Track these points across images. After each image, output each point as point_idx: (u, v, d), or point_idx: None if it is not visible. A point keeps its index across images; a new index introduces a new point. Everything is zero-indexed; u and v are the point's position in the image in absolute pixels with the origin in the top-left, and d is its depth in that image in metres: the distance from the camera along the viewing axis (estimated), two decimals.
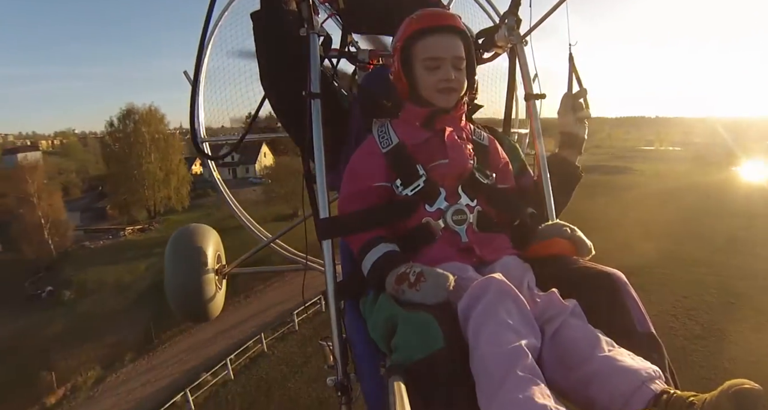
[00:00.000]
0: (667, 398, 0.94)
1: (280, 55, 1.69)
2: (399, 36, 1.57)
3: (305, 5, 1.64)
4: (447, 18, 1.57)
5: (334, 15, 2.11)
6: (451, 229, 1.45)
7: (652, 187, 46.42)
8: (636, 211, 33.11)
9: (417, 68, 1.53)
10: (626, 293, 1.23)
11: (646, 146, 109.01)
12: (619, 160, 76.35)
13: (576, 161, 1.84)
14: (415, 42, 1.52)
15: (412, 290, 1.21)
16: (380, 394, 1.17)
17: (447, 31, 1.53)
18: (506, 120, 2.22)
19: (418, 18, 1.55)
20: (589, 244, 1.46)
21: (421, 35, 1.51)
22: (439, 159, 1.51)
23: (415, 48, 1.52)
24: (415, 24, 1.54)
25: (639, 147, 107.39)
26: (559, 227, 1.50)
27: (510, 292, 1.11)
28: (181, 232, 2.77)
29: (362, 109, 1.82)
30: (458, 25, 1.55)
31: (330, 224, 1.51)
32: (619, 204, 36.00)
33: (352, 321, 1.46)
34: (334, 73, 2.02)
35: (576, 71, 1.83)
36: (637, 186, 47.55)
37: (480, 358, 1.02)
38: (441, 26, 1.53)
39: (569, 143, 1.82)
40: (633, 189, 45.16)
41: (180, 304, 2.61)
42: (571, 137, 1.82)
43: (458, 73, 1.53)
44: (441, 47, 1.50)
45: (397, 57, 1.56)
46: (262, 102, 1.80)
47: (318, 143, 1.54)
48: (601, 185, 40.98)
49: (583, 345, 1.08)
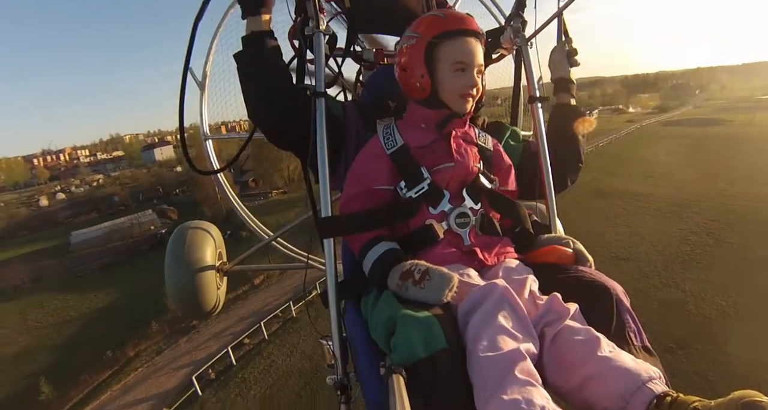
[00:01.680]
0: (671, 400, 0.94)
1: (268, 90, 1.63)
2: (423, 32, 1.53)
3: (311, 3, 1.63)
4: (473, 23, 1.55)
5: (339, 14, 2.13)
6: (454, 232, 1.47)
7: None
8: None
9: (442, 70, 1.51)
10: (623, 306, 1.25)
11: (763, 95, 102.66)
12: (722, 112, 75.39)
13: (571, 102, 1.94)
14: (442, 42, 1.49)
15: (416, 288, 1.23)
16: (380, 394, 1.17)
17: (473, 36, 1.53)
18: (512, 123, 2.22)
19: (448, 18, 1.53)
20: (589, 256, 1.49)
21: (450, 37, 1.50)
22: (444, 162, 1.53)
23: (443, 49, 1.50)
24: (444, 24, 1.51)
25: (756, 96, 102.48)
26: (560, 238, 1.56)
27: (510, 299, 1.14)
28: (182, 229, 2.76)
29: (362, 112, 1.81)
30: (481, 31, 1.56)
31: (331, 223, 1.52)
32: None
33: (352, 320, 1.48)
34: (339, 73, 2.05)
35: (566, 28, 1.96)
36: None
37: (477, 362, 1.03)
38: (469, 31, 1.52)
39: (562, 87, 1.94)
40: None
41: (180, 301, 2.65)
42: (566, 82, 1.94)
43: (480, 80, 1.55)
44: (470, 52, 1.50)
45: (419, 54, 1.52)
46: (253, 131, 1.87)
47: (321, 142, 1.53)
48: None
49: (583, 347, 1.09)
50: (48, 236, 48.33)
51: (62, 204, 64.23)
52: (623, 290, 1.32)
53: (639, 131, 66.83)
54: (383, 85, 1.98)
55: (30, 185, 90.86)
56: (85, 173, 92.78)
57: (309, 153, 1.55)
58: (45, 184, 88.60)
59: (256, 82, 1.64)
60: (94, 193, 66.27)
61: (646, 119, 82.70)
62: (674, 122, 75.51)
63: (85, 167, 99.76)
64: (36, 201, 68.25)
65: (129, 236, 41.99)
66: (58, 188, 76.44)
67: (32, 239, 48.06)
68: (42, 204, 65.88)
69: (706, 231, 26.90)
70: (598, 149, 50.71)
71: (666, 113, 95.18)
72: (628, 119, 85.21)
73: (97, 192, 66.18)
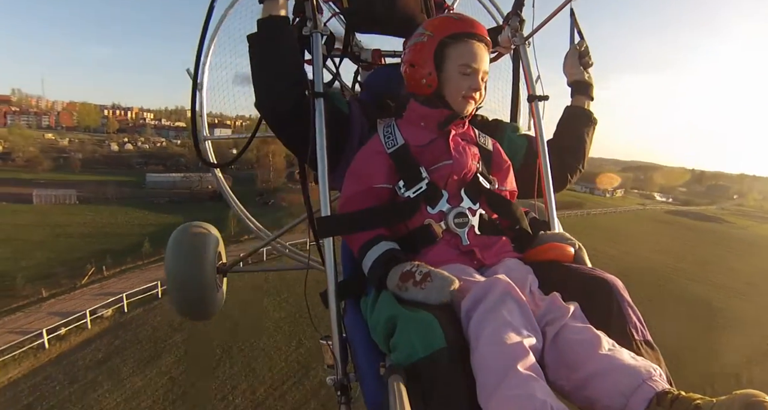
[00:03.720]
0: (672, 398, 0.97)
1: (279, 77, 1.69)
2: (435, 31, 1.60)
3: (309, 4, 1.70)
4: (483, 30, 1.63)
5: (337, 14, 2.19)
6: (453, 231, 1.52)
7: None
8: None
9: (449, 69, 1.58)
10: (623, 300, 1.29)
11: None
12: (733, 215, 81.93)
13: (588, 107, 2.03)
14: (454, 43, 1.57)
15: (416, 289, 1.27)
16: (380, 394, 1.20)
17: (482, 42, 1.61)
18: (512, 121, 2.32)
19: (462, 20, 1.62)
20: (588, 262, 1.56)
21: (462, 39, 1.57)
22: (442, 160, 1.60)
23: (453, 49, 1.57)
24: (458, 26, 1.60)
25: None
26: (561, 236, 1.64)
27: (512, 293, 1.18)
28: (182, 230, 2.81)
29: (365, 108, 1.89)
30: (489, 38, 1.65)
31: (330, 223, 1.57)
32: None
33: (352, 320, 1.53)
34: (337, 73, 2.09)
35: (578, 25, 2.01)
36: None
37: (481, 356, 1.07)
38: (480, 36, 1.60)
39: (579, 90, 2.02)
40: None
41: (180, 302, 2.71)
42: (580, 84, 2.02)
43: (483, 84, 1.64)
44: (478, 57, 1.59)
45: (430, 51, 1.58)
46: (260, 122, 1.90)
47: (321, 142, 1.59)
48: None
49: (584, 345, 1.13)
50: (124, 173, 61.95)
51: (131, 153, 78.09)
52: (623, 284, 1.34)
53: (640, 212, 72.22)
54: (382, 85, 2.10)
55: (99, 131, 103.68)
56: (150, 133, 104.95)
57: (308, 153, 1.61)
58: (115, 133, 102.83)
59: (274, 66, 1.69)
60: (162, 152, 79.44)
61: (659, 205, 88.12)
62: (679, 213, 78.90)
63: (151, 128, 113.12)
64: (108, 145, 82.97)
65: (191, 188, 54.24)
66: (126, 140, 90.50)
67: (110, 173, 61.48)
68: (113, 149, 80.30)
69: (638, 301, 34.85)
70: (587, 216, 58.01)
71: (687, 206, 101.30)
72: (641, 202, 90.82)
73: (165, 152, 79.20)
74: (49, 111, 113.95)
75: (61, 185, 50.23)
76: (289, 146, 1.81)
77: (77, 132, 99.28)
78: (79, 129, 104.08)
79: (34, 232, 35.59)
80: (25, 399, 16.29)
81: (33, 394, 16.53)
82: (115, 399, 16.51)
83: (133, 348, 19.68)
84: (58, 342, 19.57)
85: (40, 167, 59.45)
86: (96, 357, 18.92)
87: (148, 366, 18.33)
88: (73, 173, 58.98)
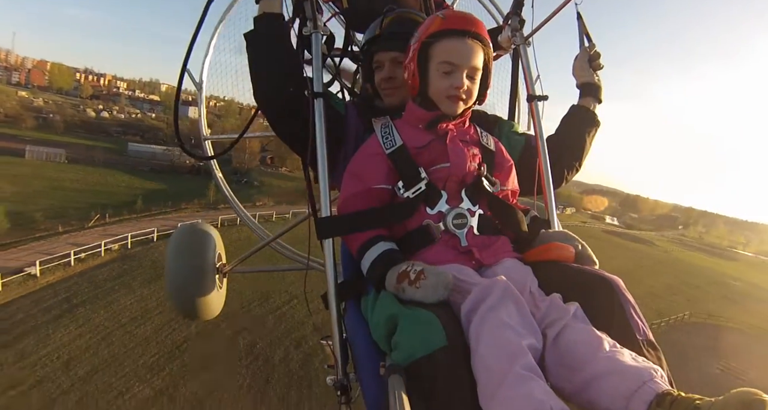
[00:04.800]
0: (672, 399, 0.97)
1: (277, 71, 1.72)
2: (421, 32, 1.60)
3: (309, 4, 1.72)
4: (474, 24, 1.59)
5: (337, 14, 2.24)
6: (451, 232, 1.53)
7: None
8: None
9: (431, 69, 1.58)
10: (624, 299, 1.29)
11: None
12: (668, 242, 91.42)
13: (594, 109, 2.06)
14: (436, 41, 1.56)
15: (412, 288, 1.28)
16: (380, 394, 1.21)
17: (470, 37, 1.56)
18: (510, 121, 2.29)
19: (445, 17, 1.59)
20: (595, 259, 1.56)
21: (444, 36, 1.56)
22: (440, 162, 1.59)
23: (435, 48, 1.57)
24: (440, 23, 1.57)
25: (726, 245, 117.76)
26: (563, 234, 1.63)
27: (512, 295, 1.19)
28: (182, 231, 2.85)
29: (360, 109, 1.92)
30: (483, 33, 1.59)
31: (330, 223, 1.59)
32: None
33: (352, 320, 1.54)
34: (337, 72, 2.12)
35: (585, 28, 2.03)
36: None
37: (481, 358, 1.09)
38: (466, 31, 1.56)
39: (588, 92, 2.06)
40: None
41: (180, 302, 2.73)
42: (590, 87, 2.05)
43: (471, 82, 1.60)
44: (460, 53, 1.55)
45: (414, 53, 1.60)
46: (255, 113, 1.93)
47: (321, 142, 1.62)
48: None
49: (585, 347, 1.13)
50: (104, 140, 66.99)
51: (109, 121, 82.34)
52: (624, 283, 1.34)
53: (578, 227, 76.84)
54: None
55: (72, 95, 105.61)
56: (124, 103, 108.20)
57: (308, 152, 1.63)
58: (89, 99, 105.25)
59: (269, 63, 1.72)
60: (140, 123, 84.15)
61: (602, 226, 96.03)
62: (615, 233, 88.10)
63: (125, 98, 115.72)
64: (83, 111, 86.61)
65: (173, 161, 59.97)
66: (101, 108, 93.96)
67: (91, 138, 66.37)
68: (89, 115, 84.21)
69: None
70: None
71: (629, 229, 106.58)
72: (584, 221, 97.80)
73: (142, 124, 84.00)
74: (20, 68, 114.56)
75: (50, 144, 55.26)
76: (291, 146, 1.87)
77: (50, 93, 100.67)
78: (51, 90, 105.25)
79: (32, 183, 41.47)
80: (63, 294, 22.91)
81: (69, 292, 23.21)
82: (129, 300, 23.33)
83: (139, 270, 26.30)
84: (79, 263, 26.20)
85: (23, 124, 63.83)
86: (111, 274, 25.59)
87: (152, 283, 24.90)
88: (57, 135, 63.76)
